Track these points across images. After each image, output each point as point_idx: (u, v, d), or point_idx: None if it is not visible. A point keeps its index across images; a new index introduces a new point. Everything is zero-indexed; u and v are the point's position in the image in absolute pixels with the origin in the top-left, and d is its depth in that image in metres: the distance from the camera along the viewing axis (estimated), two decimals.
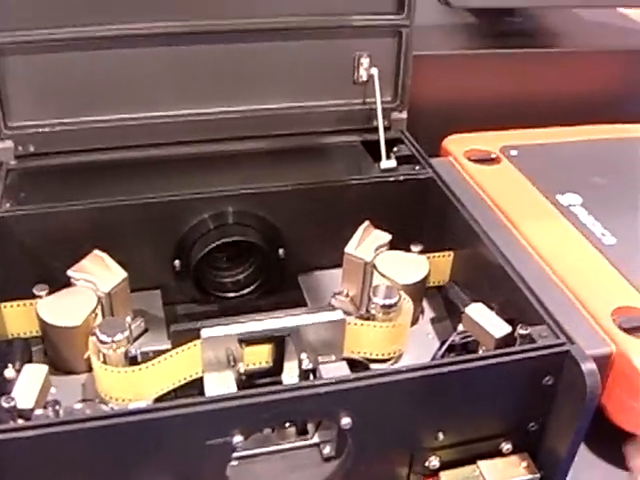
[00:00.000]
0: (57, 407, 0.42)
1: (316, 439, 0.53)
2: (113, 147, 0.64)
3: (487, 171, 0.71)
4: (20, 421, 0.42)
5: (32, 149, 0.63)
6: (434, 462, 0.49)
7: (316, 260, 0.65)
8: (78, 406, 0.45)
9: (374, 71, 0.67)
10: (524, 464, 0.50)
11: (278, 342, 0.52)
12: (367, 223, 0.60)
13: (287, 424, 0.53)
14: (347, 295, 0.61)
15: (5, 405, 0.40)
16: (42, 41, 0.59)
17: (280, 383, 0.56)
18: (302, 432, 0.53)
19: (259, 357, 0.53)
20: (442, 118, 0.81)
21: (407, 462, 0.48)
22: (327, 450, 0.52)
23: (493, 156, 0.74)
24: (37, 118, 0.62)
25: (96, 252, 0.56)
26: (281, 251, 0.63)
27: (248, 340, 0.51)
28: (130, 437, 0.41)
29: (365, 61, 0.67)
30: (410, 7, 0.66)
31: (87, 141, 0.63)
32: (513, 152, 0.74)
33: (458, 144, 0.76)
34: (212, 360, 0.51)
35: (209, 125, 0.66)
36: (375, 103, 0.68)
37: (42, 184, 0.61)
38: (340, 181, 0.63)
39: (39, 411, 0.42)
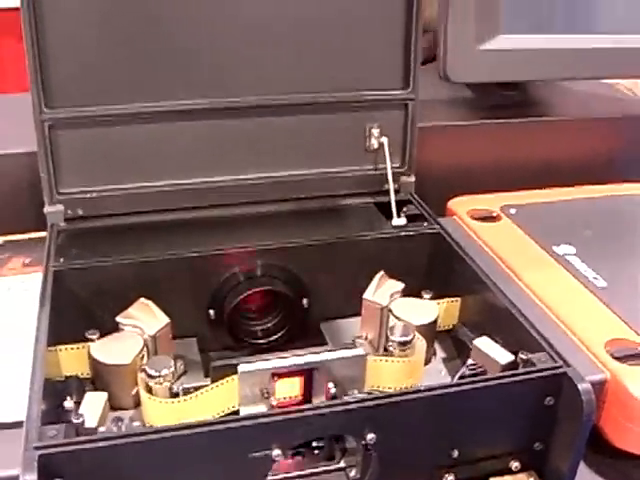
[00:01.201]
0: (120, 423, 0.48)
1: (342, 464, 0.58)
2: (154, 210, 0.72)
3: (489, 228, 0.79)
4: None
5: (80, 212, 0.70)
6: (450, 478, 0.54)
7: (336, 309, 0.71)
8: (136, 424, 0.51)
9: (384, 140, 0.75)
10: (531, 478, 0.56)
11: (307, 376, 0.58)
12: (382, 273, 0.67)
13: (316, 451, 0.59)
14: (366, 338, 0.67)
15: (75, 421, 0.46)
16: (91, 117, 0.68)
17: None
18: (329, 458, 0.59)
19: (290, 391, 0.59)
20: (446, 182, 0.90)
21: (427, 478, 0.54)
22: (353, 473, 0.57)
23: (494, 214, 0.81)
24: (85, 185, 0.70)
25: (142, 300, 0.63)
26: (305, 301, 0.70)
27: (280, 374, 0.57)
28: (183, 449, 0.46)
29: (375, 131, 0.76)
30: (415, 83, 0.75)
31: (130, 205, 0.71)
32: (512, 210, 0.82)
33: (462, 205, 0.83)
34: (247, 393, 0.57)
35: (238, 190, 0.74)
36: (385, 168, 0.76)
37: (90, 242, 0.69)
38: (357, 236, 0.70)
39: (102, 428, 0.48)
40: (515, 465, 0.56)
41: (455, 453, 0.53)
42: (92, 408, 0.50)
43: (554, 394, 0.53)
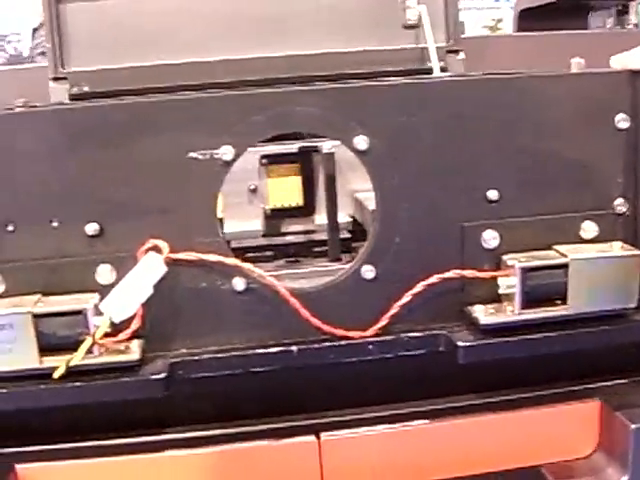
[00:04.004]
0: None
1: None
2: (162, 87, 0.64)
3: None
4: None
5: (86, 89, 0.64)
6: (491, 236, 0.38)
7: None
8: None
9: (422, 8, 0.66)
10: (617, 245, 0.38)
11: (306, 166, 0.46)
12: None
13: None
14: None
15: None
16: None
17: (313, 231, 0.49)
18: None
19: (286, 195, 0.46)
20: None
21: (457, 237, 0.38)
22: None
23: None
24: (92, 61, 0.65)
25: None
26: None
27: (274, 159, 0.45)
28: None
29: (412, 2, 0.67)
30: None
31: (139, 81, 0.64)
32: None
33: None
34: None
35: (266, 67, 0.66)
36: (427, 44, 0.66)
37: None
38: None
39: None
40: (590, 228, 0.38)
41: (493, 194, 0.38)
42: None
43: (627, 111, 0.38)
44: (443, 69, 0.66)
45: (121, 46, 0.65)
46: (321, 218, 0.47)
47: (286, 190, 0.47)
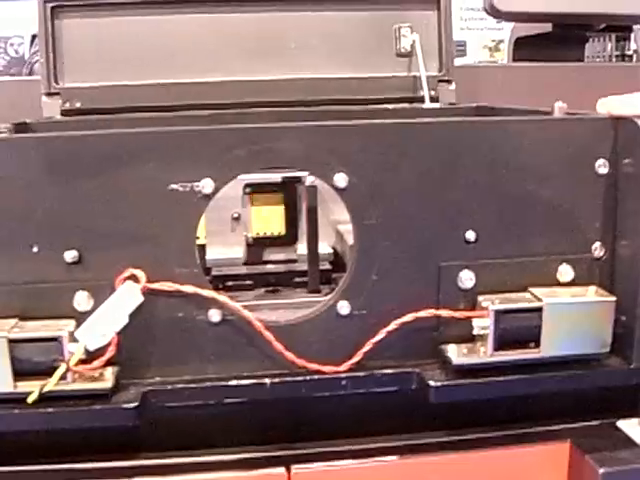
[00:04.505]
0: None
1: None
2: (154, 106, 0.65)
3: None
4: None
5: (78, 105, 0.65)
6: (467, 276, 0.38)
7: None
8: None
9: (415, 37, 0.67)
10: (592, 289, 0.38)
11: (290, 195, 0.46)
12: None
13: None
14: None
15: None
16: (94, 5, 0.65)
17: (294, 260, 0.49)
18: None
19: (269, 224, 0.47)
20: None
21: (434, 276, 0.38)
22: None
23: None
24: (86, 77, 0.65)
25: None
26: None
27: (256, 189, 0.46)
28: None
29: (405, 30, 0.67)
30: None
31: (130, 100, 0.65)
32: None
33: None
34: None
35: (254, 90, 0.66)
36: (419, 72, 0.67)
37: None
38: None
39: None
40: (566, 271, 0.39)
41: (471, 235, 0.38)
42: None
43: (607, 156, 0.38)
44: (434, 99, 0.67)
45: (116, 64, 0.66)
46: (303, 248, 0.47)
47: (269, 219, 0.47)
